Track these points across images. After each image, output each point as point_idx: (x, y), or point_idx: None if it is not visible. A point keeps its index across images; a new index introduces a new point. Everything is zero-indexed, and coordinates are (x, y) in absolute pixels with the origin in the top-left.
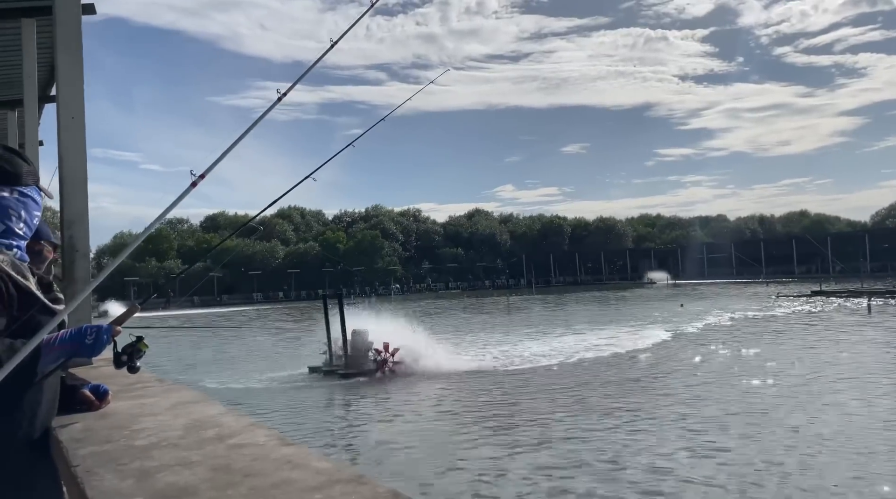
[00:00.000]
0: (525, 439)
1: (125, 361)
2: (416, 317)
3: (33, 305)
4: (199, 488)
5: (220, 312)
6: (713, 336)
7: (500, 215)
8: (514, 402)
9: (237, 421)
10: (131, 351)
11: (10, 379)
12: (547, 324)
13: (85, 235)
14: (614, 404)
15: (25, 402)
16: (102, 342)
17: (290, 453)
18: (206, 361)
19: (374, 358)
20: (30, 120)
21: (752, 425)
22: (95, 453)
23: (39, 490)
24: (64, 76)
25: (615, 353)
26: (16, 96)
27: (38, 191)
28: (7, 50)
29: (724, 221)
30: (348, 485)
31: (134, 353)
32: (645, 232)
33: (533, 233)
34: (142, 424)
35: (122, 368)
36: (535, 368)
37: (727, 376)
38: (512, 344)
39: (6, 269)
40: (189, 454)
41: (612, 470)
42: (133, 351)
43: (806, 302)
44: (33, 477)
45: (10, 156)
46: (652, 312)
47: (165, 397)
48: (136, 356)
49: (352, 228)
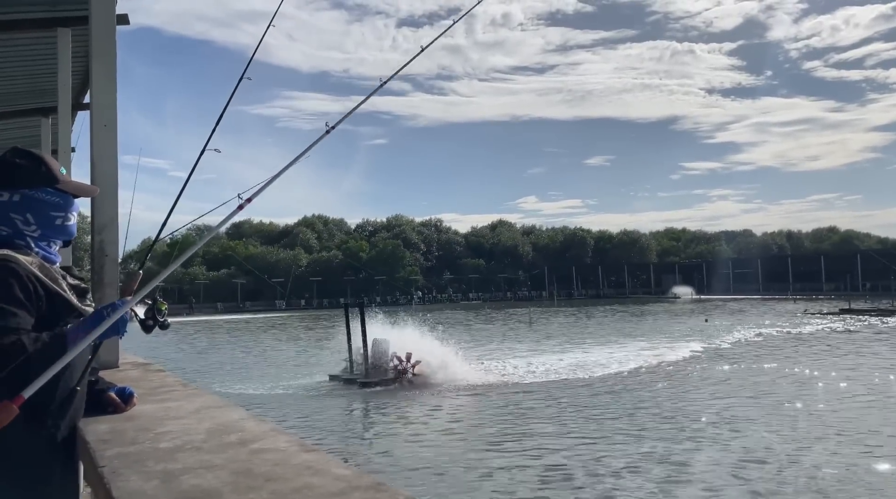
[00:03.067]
0: (543, 454)
1: (152, 325)
2: (437, 327)
3: (63, 309)
4: (222, 491)
5: (243, 319)
6: (740, 353)
7: (522, 227)
8: (532, 415)
9: (259, 426)
10: (153, 313)
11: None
12: (569, 337)
13: (115, 241)
14: (628, 423)
15: (54, 399)
16: (119, 312)
17: (311, 459)
18: (229, 366)
19: (394, 367)
20: (63, 127)
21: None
22: (121, 454)
23: (59, 488)
24: (98, 85)
25: (636, 367)
26: (50, 104)
27: (54, 192)
28: (42, 58)
29: (751, 236)
30: (367, 492)
31: (156, 313)
32: (669, 246)
33: (556, 245)
34: (166, 427)
35: (152, 331)
36: (555, 381)
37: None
38: (533, 356)
39: (33, 270)
40: (212, 458)
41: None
42: (154, 312)
43: (835, 320)
44: (55, 475)
45: (16, 159)
46: (675, 327)
47: (189, 401)
48: (160, 315)
49: (374, 238)
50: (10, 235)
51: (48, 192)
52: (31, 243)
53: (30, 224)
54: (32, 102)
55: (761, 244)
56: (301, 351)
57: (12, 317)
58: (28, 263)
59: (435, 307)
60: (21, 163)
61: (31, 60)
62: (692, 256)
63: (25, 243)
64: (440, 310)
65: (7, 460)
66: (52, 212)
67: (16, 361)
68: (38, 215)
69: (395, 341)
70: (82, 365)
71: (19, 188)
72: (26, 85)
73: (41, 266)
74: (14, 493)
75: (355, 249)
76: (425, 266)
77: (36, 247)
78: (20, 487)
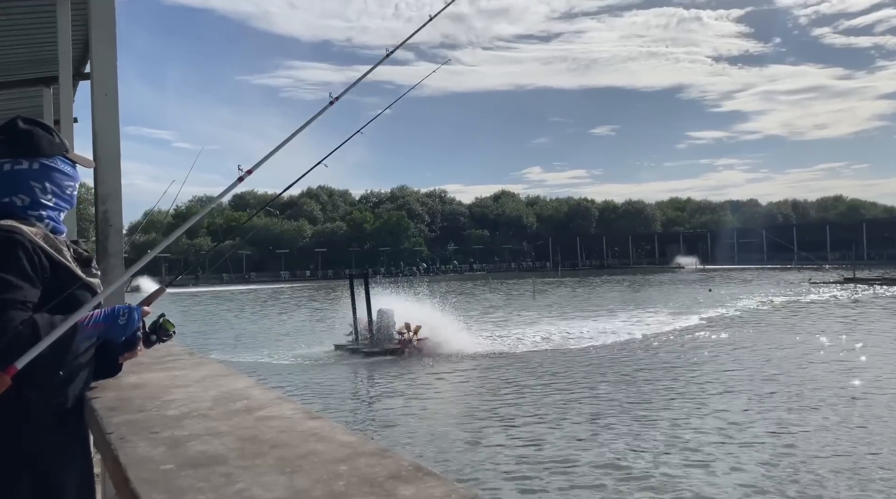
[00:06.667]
0: (547, 421)
1: (154, 341)
2: (441, 297)
3: (68, 279)
4: (228, 457)
5: (248, 290)
6: (743, 321)
7: (526, 198)
8: (535, 384)
9: (264, 394)
10: (157, 329)
11: (48, 353)
12: (572, 307)
13: (118, 211)
14: (639, 389)
15: (61, 375)
16: (134, 322)
17: (316, 426)
18: (234, 336)
19: (399, 337)
20: (64, 97)
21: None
22: (129, 421)
23: (70, 458)
24: (98, 53)
25: (634, 337)
26: (51, 73)
27: (66, 161)
28: (42, 27)
29: (757, 205)
30: (372, 458)
31: (160, 331)
32: (674, 216)
33: (560, 215)
34: (173, 395)
35: (151, 346)
36: (558, 350)
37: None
38: (536, 326)
39: (38, 241)
40: (218, 425)
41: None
42: (159, 330)
43: (840, 288)
44: (66, 445)
45: (31, 128)
46: (678, 296)
47: (195, 369)
48: (163, 334)
49: (378, 209)
50: (22, 206)
51: (63, 160)
52: (45, 213)
53: (46, 193)
54: (34, 72)
55: (767, 214)
56: (306, 321)
57: (18, 290)
58: (33, 233)
59: (439, 278)
60: (39, 132)
61: (31, 29)
62: (697, 226)
63: (37, 214)
64: (444, 281)
65: (16, 431)
66: (66, 181)
67: (26, 342)
68: (54, 184)
69: (399, 312)
70: (89, 341)
71: (38, 157)
72: (27, 54)
73: (45, 237)
74: (25, 461)
75: (360, 220)
76: (429, 237)
77: (48, 217)
78: (31, 455)
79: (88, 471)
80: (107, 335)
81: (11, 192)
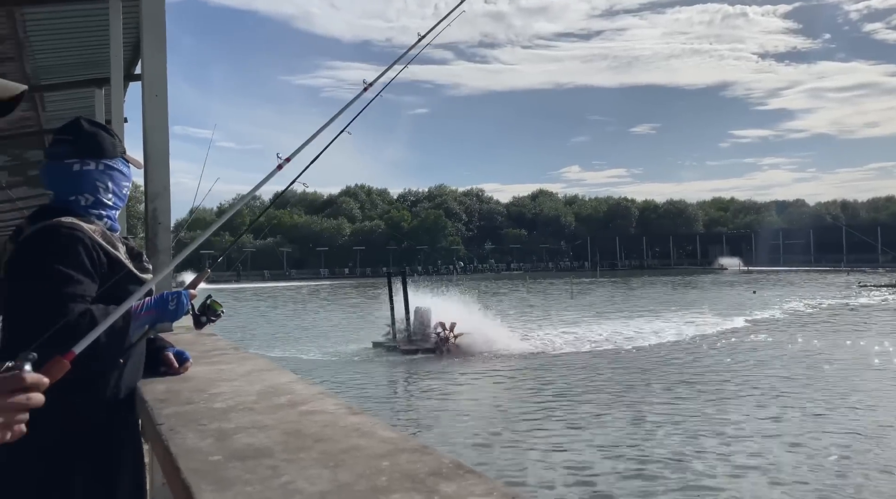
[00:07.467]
0: (587, 424)
1: (204, 322)
2: (478, 297)
3: (123, 274)
4: (274, 449)
5: (288, 286)
6: (789, 325)
7: (565, 197)
8: (574, 385)
9: (307, 389)
10: (206, 310)
11: (105, 342)
12: (611, 308)
13: (167, 209)
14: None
15: (121, 363)
16: (183, 306)
17: (358, 422)
18: (274, 332)
19: (436, 335)
20: (115, 98)
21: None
22: (178, 412)
23: (122, 446)
24: (148, 56)
25: (682, 339)
26: (102, 75)
27: (124, 162)
28: (95, 30)
29: (803, 205)
30: (413, 454)
31: (209, 311)
32: (717, 216)
33: (599, 215)
34: (219, 388)
35: (203, 327)
36: (598, 351)
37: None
38: (574, 326)
39: (97, 238)
40: (263, 418)
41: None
42: (208, 310)
43: (891, 292)
44: (119, 434)
45: (95, 130)
46: (721, 298)
47: (240, 364)
48: (212, 314)
49: (416, 208)
50: (86, 204)
51: (122, 161)
52: (104, 212)
53: (108, 192)
54: (86, 74)
55: (814, 214)
56: (344, 318)
57: (78, 285)
58: (92, 230)
59: (476, 277)
60: (102, 134)
61: (83, 32)
62: (741, 227)
63: (97, 212)
64: (481, 280)
65: (73, 419)
66: (123, 181)
67: (84, 331)
68: (115, 184)
69: (436, 310)
70: (142, 329)
71: (102, 158)
72: (80, 57)
73: (103, 234)
74: (81, 449)
75: (397, 218)
76: (467, 236)
77: (107, 215)
78: (86, 442)
79: (139, 460)
80: (159, 321)
81: (78, 191)
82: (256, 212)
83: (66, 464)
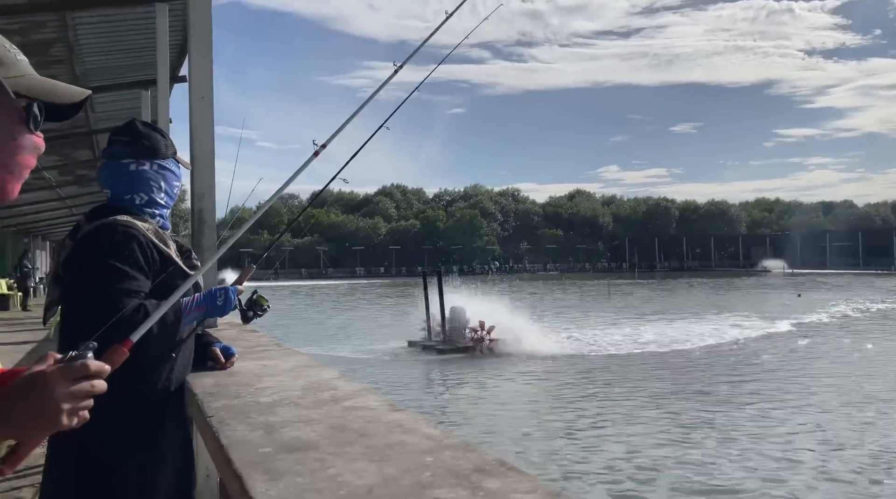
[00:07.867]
0: (624, 425)
1: (251, 317)
2: (514, 297)
3: (174, 271)
4: (320, 443)
5: (325, 285)
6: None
7: (602, 197)
8: (613, 386)
9: (350, 386)
10: (252, 305)
11: (158, 336)
12: (650, 309)
13: (212, 208)
14: (730, 396)
15: (169, 358)
16: (230, 301)
17: (401, 418)
18: (311, 329)
19: (471, 335)
20: (162, 99)
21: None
22: (227, 406)
23: (174, 437)
24: (195, 58)
25: (726, 341)
26: (149, 77)
27: (175, 163)
28: (142, 33)
29: (851, 207)
30: (457, 451)
31: (256, 306)
32: (761, 217)
33: (637, 215)
34: (265, 383)
35: (250, 322)
36: (636, 354)
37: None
38: (612, 328)
39: (150, 236)
40: (308, 413)
41: None
42: (254, 305)
43: None
44: (171, 425)
45: (149, 131)
46: (765, 300)
47: (284, 360)
48: (258, 308)
49: (451, 207)
50: (140, 203)
51: (174, 162)
52: (157, 210)
53: (161, 192)
54: (133, 75)
55: (863, 216)
56: (380, 317)
57: (133, 280)
58: (146, 228)
59: (512, 277)
60: (156, 135)
61: (131, 35)
62: (785, 228)
63: (150, 211)
64: (517, 280)
65: (126, 410)
66: (174, 181)
67: (138, 324)
68: (167, 184)
69: (472, 310)
70: (192, 325)
71: (156, 158)
72: (127, 59)
73: (156, 232)
74: (135, 439)
75: (433, 218)
76: (502, 236)
77: (159, 214)
78: (139, 432)
79: (189, 450)
80: (208, 316)
81: (134, 190)
82: (295, 212)
83: (118, 452)
